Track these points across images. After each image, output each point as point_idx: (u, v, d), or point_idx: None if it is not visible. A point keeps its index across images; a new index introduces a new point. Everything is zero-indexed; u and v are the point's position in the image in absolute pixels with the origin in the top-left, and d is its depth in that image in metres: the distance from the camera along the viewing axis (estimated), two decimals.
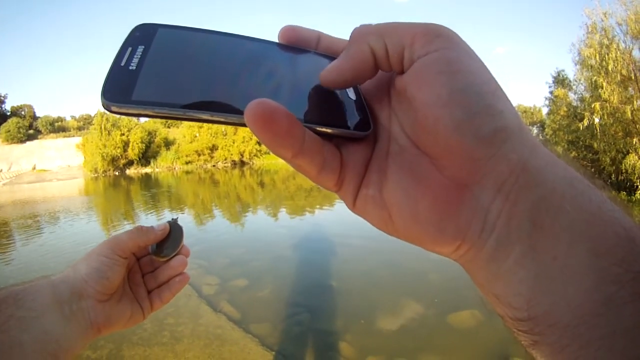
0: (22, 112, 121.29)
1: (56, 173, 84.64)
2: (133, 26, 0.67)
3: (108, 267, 1.14)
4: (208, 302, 10.93)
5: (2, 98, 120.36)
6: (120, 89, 0.55)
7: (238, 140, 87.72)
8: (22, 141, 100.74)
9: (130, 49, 0.63)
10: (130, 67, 0.59)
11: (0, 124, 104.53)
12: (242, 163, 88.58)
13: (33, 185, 64.43)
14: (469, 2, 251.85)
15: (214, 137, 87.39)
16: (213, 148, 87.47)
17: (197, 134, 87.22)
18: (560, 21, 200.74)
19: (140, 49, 0.62)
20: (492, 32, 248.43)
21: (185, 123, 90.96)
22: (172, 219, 1.34)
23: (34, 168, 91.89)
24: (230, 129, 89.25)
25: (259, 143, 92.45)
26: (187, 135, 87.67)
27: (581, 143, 25.53)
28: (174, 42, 0.63)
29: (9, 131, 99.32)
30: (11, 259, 17.67)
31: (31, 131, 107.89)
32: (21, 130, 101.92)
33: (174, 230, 1.30)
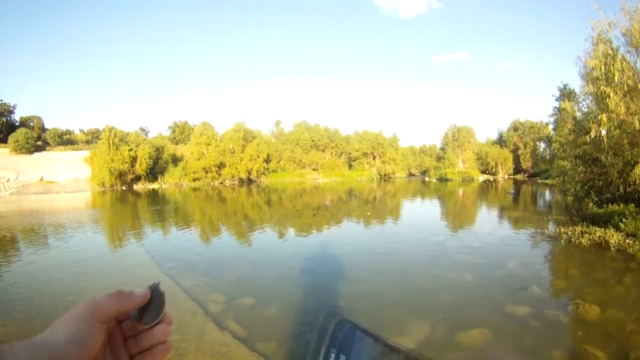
0: (31, 123, 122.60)
1: (63, 185, 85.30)
2: (326, 312, 0.82)
3: (87, 333, 1.05)
4: (214, 319, 10.85)
5: (11, 108, 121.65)
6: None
7: (246, 158, 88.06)
8: (30, 152, 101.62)
9: (333, 355, 0.82)
10: (358, 333, 0.80)
11: (8, 134, 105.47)
12: (250, 181, 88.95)
13: (40, 196, 65.15)
14: (475, 18, 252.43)
15: (221, 154, 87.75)
16: (221, 165, 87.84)
17: (205, 151, 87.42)
18: (567, 35, 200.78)
19: (342, 358, 0.80)
20: (499, 48, 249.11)
21: (194, 139, 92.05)
22: (154, 284, 1.23)
23: (41, 179, 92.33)
24: (237, 146, 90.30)
25: (266, 161, 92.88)
26: (195, 152, 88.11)
27: (588, 157, 25.44)
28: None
29: (17, 141, 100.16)
30: (17, 268, 17.58)
31: (39, 142, 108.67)
32: (29, 141, 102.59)
33: (156, 297, 1.21)
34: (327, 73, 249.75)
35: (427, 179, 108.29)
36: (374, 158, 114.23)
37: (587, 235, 20.18)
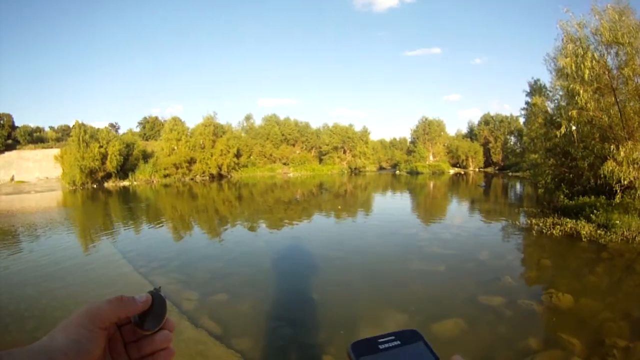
0: (1, 122, 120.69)
1: (34, 185, 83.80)
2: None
3: (87, 340, 1.00)
4: (188, 317, 10.78)
5: None
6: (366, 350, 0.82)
7: (216, 153, 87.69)
8: (0, 151, 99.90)
9: (392, 338, 0.85)
10: (380, 345, 0.83)
11: None
12: (220, 176, 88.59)
13: (11, 197, 63.81)
14: (448, 15, 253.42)
15: (192, 150, 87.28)
16: (191, 161, 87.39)
17: (176, 147, 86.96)
18: (538, 32, 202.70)
19: (396, 343, 0.84)
20: (470, 44, 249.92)
21: (164, 135, 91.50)
22: (155, 289, 1.17)
23: (12, 179, 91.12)
24: (208, 141, 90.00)
25: (236, 156, 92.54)
26: (165, 147, 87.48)
27: (559, 150, 25.73)
28: None
29: None
30: None
31: (9, 141, 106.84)
32: (0, 139, 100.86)
33: (157, 302, 1.14)
34: (298, 66, 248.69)
35: (397, 172, 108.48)
36: (345, 152, 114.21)
37: (559, 226, 20.50)
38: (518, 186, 59.45)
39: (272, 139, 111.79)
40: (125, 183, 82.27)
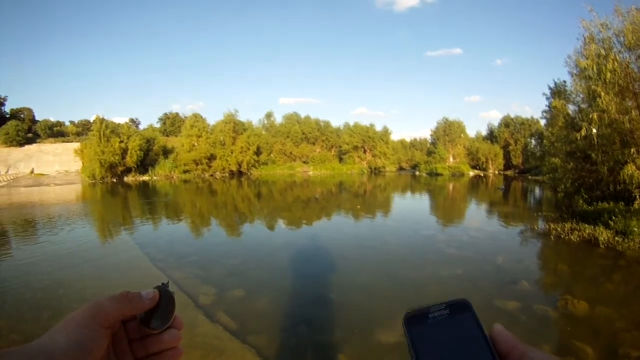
0: (22, 116, 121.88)
1: (54, 178, 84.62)
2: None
3: (89, 340, 0.95)
4: (205, 312, 10.85)
5: (1, 100, 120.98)
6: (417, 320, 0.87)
7: (236, 150, 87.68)
8: (21, 145, 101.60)
9: (443, 307, 0.85)
10: (430, 315, 0.88)
11: None
12: (240, 173, 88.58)
13: (31, 189, 64.53)
14: (469, 15, 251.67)
15: (212, 146, 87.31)
16: (211, 158, 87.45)
17: (196, 144, 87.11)
18: (560, 33, 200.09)
19: (445, 313, 0.84)
20: (491, 44, 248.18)
21: (185, 131, 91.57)
22: (163, 284, 1.15)
23: (32, 172, 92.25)
24: (228, 138, 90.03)
25: (257, 153, 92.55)
26: (186, 144, 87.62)
27: (579, 154, 25.45)
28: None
29: (8, 134, 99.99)
30: (7, 263, 17.61)
31: (30, 135, 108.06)
32: (20, 133, 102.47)
33: (165, 299, 1.11)
34: (319, 65, 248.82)
35: (417, 173, 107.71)
36: (365, 152, 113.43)
37: (577, 232, 20.27)
38: (538, 190, 58.87)
39: (292, 137, 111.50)
40: (145, 178, 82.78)
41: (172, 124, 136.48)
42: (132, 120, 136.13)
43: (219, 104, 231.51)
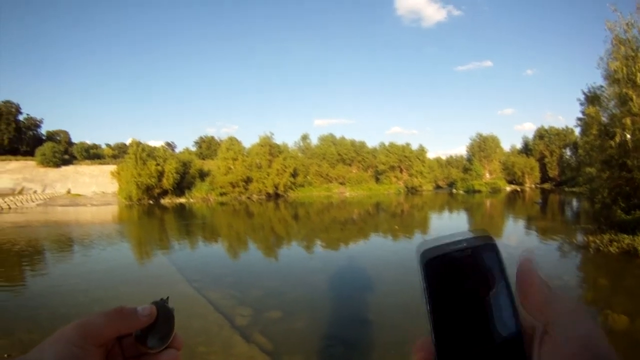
0: (58, 138, 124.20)
1: (90, 198, 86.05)
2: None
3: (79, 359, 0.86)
4: (240, 332, 10.88)
5: (37, 122, 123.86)
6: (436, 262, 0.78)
7: (272, 172, 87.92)
8: (57, 165, 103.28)
9: (464, 246, 0.79)
10: (451, 256, 0.78)
11: (35, 147, 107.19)
12: (277, 195, 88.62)
13: (67, 209, 66.15)
14: (496, 26, 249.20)
15: (248, 169, 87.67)
16: (248, 180, 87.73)
17: (232, 166, 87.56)
18: (591, 37, 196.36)
19: (467, 254, 0.79)
20: (521, 54, 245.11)
21: (221, 154, 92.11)
22: (161, 299, 1.04)
23: (68, 192, 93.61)
24: (264, 161, 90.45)
25: (293, 175, 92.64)
26: (222, 166, 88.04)
27: (614, 162, 24.95)
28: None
29: (44, 154, 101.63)
30: (44, 278, 18.16)
31: (66, 156, 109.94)
32: (56, 154, 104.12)
33: (163, 315, 1.02)
34: (352, 86, 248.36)
35: (454, 191, 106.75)
36: (401, 171, 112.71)
37: (616, 243, 19.92)
38: (574, 202, 58.18)
39: (328, 158, 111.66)
40: (182, 200, 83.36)
41: (207, 147, 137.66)
42: (168, 144, 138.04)
43: (253, 127, 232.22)
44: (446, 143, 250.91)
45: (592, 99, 27.69)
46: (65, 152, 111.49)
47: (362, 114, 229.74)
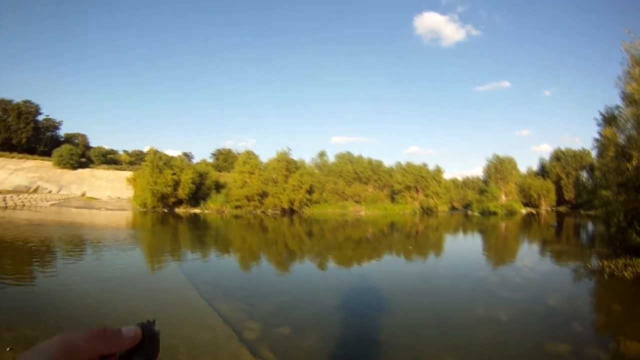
0: (76, 141, 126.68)
1: (105, 202, 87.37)
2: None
3: None
4: (248, 346, 10.84)
5: (56, 124, 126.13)
6: None
7: (288, 188, 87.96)
8: (73, 167, 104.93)
9: None
10: None
11: (52, 149, 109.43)
12: (292, 211, 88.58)
13: (81, 210, 67.74)
14: (515, 46, 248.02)
15: (264, 183, 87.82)
16: (263, 195, 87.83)
17: (248, 180, 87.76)
18: (609, 55, 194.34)
19: None
20: (539, 74, 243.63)
21: (237, 167, 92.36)
22: (147, 321, 1.05)
23: (83, 194, 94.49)
24: (280, 176, 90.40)
25: (309, 192, 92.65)
26: (238, 180, 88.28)
27: (631, 184, 24.75)
28: None
29: (61, 156, 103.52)
30: (52, 277, 18.50)
31: (83, 159, 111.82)
32: (73, 157, 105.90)
33: (148, 338, 1.01)
34: (371, 104, 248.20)
35: (470, 212, 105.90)
36: (417, 191, 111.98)
37: (631, 267, 19.81)
38: (590, 225, 57.86)
39: (344, 176, 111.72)
40: (196, 210, 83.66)
41: (224, 159, 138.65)
42: (185, 154, 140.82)
43: (271, 142, 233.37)
44: (463, 164, 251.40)
45: (609, 120, 27.49)
46: (83, 155, 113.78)
47: (380, 133, 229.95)
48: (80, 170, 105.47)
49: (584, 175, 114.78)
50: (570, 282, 20.31)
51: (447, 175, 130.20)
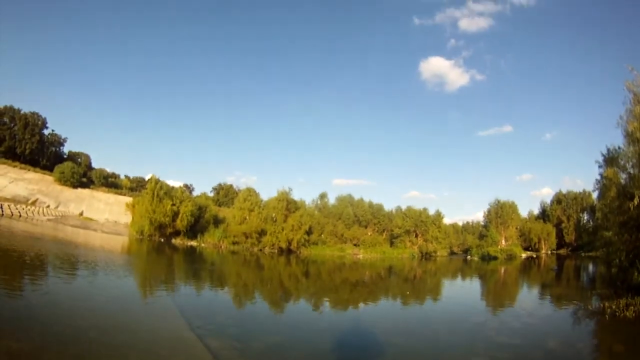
0: (79, 159, 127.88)
1: (102, 225, 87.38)
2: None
3: None
4: None
5: (61, 140, 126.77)
6: None
7: (287, 227, 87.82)
8: (74, 186, 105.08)
9: None
10: None
11: (54, 164, 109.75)
12: (289, 251, 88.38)
13: (77, 230, 67.55)
14: (518, 90, 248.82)
15: (263, 221, 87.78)
16: (262, 232, 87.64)
17: (247, 217, 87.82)
18: (611, 98, 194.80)
19: None
20: (540, 118, 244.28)
21: (237, 203, 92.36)
22: None
23: (81, 214, 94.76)
24: (280, 215, 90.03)
25: (307, 233, 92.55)
26: (237, 216, 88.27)
27: (633, 223, 24.57)
28: None
29: (62, 172, 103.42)
30: (42, 293, 18.16)
31: (84, 179, 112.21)
32: (75, 175, 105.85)
33: None
34: (373, 148, 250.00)
35: (469, 257, 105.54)
36: (417, 236, 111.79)
37: (632, 307, 19.76)
38: (591, 267, 58.06)
39: (344, 219, 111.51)
40: (193, 243, 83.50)
41: (225, 194, 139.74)
42: (186, 186, 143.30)
43: (272, 180, 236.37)
44: (463, 208, 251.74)
45: (610, 160, 27.44)
46: (84, 175, 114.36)
47: (382, 176, 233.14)
48: (80, 190, 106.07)
49: (584, 217, 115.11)
50: (570, 325, 20.17)
51: (447, 220, 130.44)
